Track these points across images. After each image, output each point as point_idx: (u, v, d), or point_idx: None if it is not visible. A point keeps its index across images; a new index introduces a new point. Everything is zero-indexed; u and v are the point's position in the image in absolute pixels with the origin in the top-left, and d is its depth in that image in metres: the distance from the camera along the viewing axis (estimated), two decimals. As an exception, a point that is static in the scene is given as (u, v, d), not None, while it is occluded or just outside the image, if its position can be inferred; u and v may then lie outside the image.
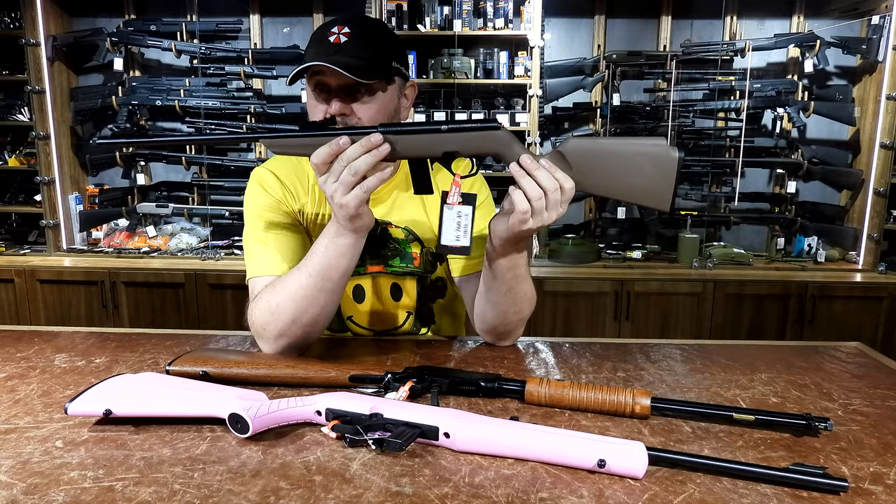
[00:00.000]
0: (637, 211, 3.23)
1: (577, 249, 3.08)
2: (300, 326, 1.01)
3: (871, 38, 2.91)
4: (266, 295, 1.02)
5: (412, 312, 1.24)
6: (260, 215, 1.14)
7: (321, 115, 1.05)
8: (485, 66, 3.09)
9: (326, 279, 0.98)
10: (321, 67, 1.01)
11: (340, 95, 1.04)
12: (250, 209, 1.15)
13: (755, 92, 3.08)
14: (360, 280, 1.21)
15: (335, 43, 1.02)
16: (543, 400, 0.84)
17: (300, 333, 1.02)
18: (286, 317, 1.00)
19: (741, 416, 0.79)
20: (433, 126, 0.89)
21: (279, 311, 1.00)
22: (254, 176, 1.18)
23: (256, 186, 1.16)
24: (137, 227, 3.34)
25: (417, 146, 0.90)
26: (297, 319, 1.00)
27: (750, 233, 3.36)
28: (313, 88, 1.07)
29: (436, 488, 0.65)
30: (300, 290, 0.99)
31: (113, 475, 0.66)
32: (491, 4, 2.99)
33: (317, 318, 1.01)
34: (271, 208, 1.14)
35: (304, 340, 1.04)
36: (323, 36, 1.04)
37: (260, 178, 1.17)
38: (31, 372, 0.97)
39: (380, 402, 0.76)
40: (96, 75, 3.32)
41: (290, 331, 1.01)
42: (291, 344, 1.03)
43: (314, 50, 1.04)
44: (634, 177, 0.85)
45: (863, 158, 3.08)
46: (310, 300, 0.99)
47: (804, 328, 2.84)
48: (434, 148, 0.90)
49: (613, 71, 3.15)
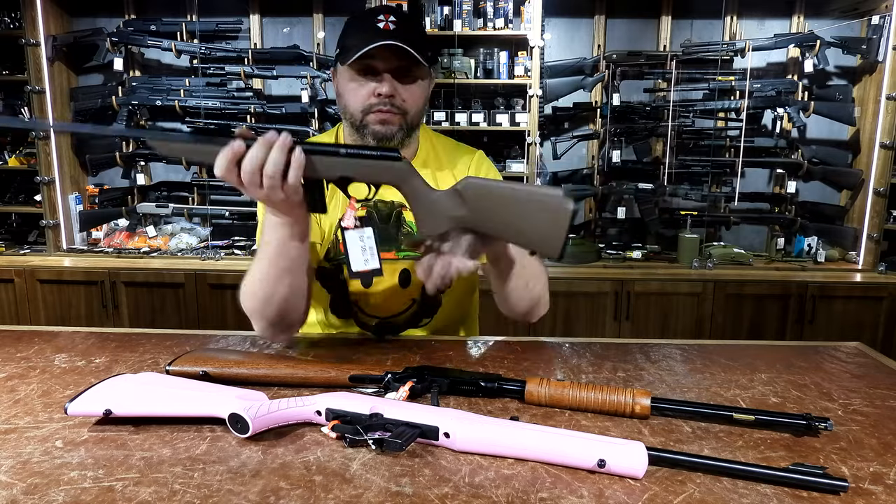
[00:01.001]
0: (637, 211, 3.23)
1: (577, 249, 3.08)
2: (274, 306, 1.03)
3: (871, 38, 2.91)
4: (244, 278, 1.06)
5: (416, 300, 1.25)
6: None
7: (368, 96, 1.10)
8: (485, 66, 3.09)
9: (284, 259, 1.00)
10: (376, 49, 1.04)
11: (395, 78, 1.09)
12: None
13: (755, 92, 3.08)
14: None
15: (385, 29, 1.06)
16: (543, 400, 0.84)
17: (276, 313, 1.04)
18: (259, 299, 1.03)
19: (741, 416, 0.79)
20: (332, 148, 0.88)
21: (253, 295, 1.03)
22: None
23: None
24: (137, 227, 3.34)
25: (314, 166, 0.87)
26: (268, 300, 1.02)
27: (750, 233, 3.36)
28: (357, 71, 1.10)
29: (436, 488, 0.65)
30: (263, 273, 1.01)
31: (113, 475, 0.66)
32: (491, 4, 2.99)
33: (287, 297, 1.02)
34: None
35: (284, 320, 1.06)
36: (370, 23, 1.07)
37: None
38: (31, 372, 0.97)
39: (380, 402, 0.76)
40: (96, 75, 3.32)
41: (266, 311, 1.03)
42: (271, 323, 1.05)
43: (363, 34, 1.07)
44: (526, 222, 0.82)
45: (863, 158, 3.08)
46: (275, 281, 1.01)
47: (804, 328, 2.84)
48: (330, 170, 0.89)
49: (613, 71, 3.15)
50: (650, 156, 3.26)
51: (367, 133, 1.13)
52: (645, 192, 3.16)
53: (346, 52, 1.08)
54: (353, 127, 1.15)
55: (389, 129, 1.12)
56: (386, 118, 1.11)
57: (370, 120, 1.12)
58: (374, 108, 1.11)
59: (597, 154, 3.31)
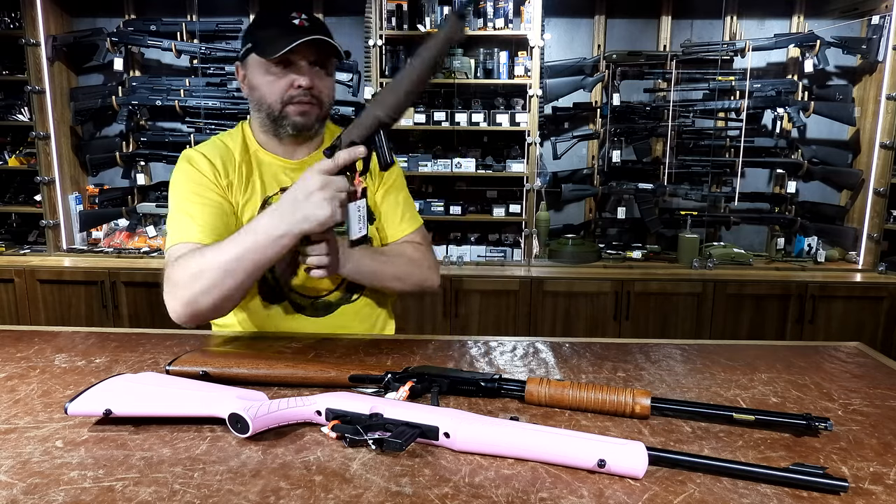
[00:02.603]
0: (637, 211, 3.23)
1: (577, 249, 3.08)
2: (213, 298, 1.03)
3: (871, 38, 2.91)
4: (190, 259, 1.05)
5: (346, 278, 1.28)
6: (188, 189, 1.18)
7: (287, 87, 1.16)
8: (485, 65, 3.09)
9: (257, 266, 1.02)
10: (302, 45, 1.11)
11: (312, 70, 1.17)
12: (177, 186, 1.19)
13: (755, 92, 3.08)
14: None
15: (301, 26, 1.14)
16: (543, 400, 0.84)
17: (210, 304, 1.04)
18: (204, 283, 1.02)
19: (741, 416, 0.79)
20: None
21: (200, 277, 1.02)
22: (182, 156, 1.22)
23: (185, 164, 1.21)
24: (137, 227, 3.34)
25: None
26: (216, 286, 1.02)
27: (750, 233, 3.37)
28: (276, 64, 1.15)
29: (436, 488, 0.65)
30: (226, 264, 1.01)
31: (113, 475, 0.66)
32: (491, 4, 2.99)
33: (232, 293, 1.04)
34: (200, 184, 1.18)
35: (216, 312, 1.07)
36: (285, 19, 1.15)
37: (188, 157, 1.22)
38: (31, 372, 0.97)
39: (380, 402, 0.76)
40: (96, 75, 3.32)
41: (202, 300, 1.03)
42: (197, 313, 1.05)
43: (281, 30, 1.14)
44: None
45: (863, 158, 3.08)
46: (232, 276, 1.01)
47: (804, 328, 2.84)
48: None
49: (613, 71, 3.15)
50: (650, 156, 3.26)
51: (286, 124, 1.19)
52: (645, 192, 3.16)
53: (265, 46, 1.14)
54: (269, 119, 1.20)
55: (308, 119, 1.19)
56: (306, 109, 1.17)
57: (290, 111, 1.18)
58: (295, 99, 1.17)
59: (597, 154, 3.31)
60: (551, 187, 3.21)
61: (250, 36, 1.20)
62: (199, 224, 1.13)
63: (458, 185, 3.32)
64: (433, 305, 2.91)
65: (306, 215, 0.96)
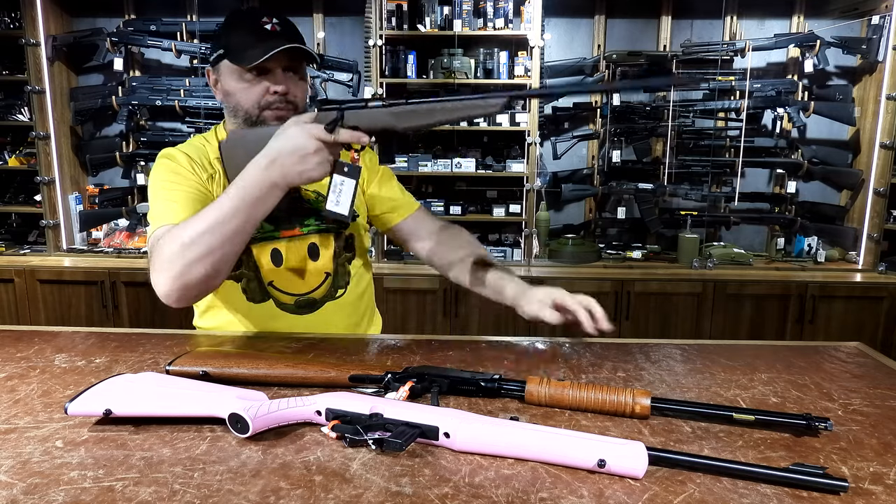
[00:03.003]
0: (637, 211, 3.23)
1: (577, 249, 3.08)
2: (205, 266, 0.99)
3: (871, 38, 2.91)
4: (177, 230, 1.00)
5: (330, 274, 1.29)
6: (167, 179, 1.17)
7: (263, 93, 1.16)
8: (485, 66, 3.09)
9: (249, 220, 0.99)
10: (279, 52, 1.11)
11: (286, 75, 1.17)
12: (156, 180, 1.19)
13: (755, 92, 3.08)
14: (276, 244, 1.24)
15: (273, 31, 1.14)
16: (543, 400, 0.84)
17: (202, 274, 0.99)
18: (199, 250, 0.98)
19: (741, 416, 0.79)
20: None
21: (193, 242, 0.98)
22: (160, 155, 1.23)
23: (163, 160, 1.21)
24: (137, 227, 3.34)
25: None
26: (210, 252, 0.98)
27: (750, 233, 3.37)
28: (249, 70, 1.15)
29: (436, 488, 0.65)
30: (220, 224, 0.97)
31: (113, 475, 0.66)
32: (491, 4, 2.99)
33: (226, 257, 1.01)
34: (179, 175, 1.18)
35: (207, 284, 1.03)
36: (256, 24, 1.14)
37: (166, 153, 1.22)
38: (31, 372, 0.97)
39: (380, 402, 0.76)
40: (96, 75, 3.32)
41: (194, 270, 0.99)
42: (188, 285, 1.00)
43: (254, 36, 1.13)
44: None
45: (863, 158, 3.08)
46: (228, 235, 0.98)
47: (804, 328, 2.84)
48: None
49: (613, 71, 3.15)
50: (650, 156, 3.26)
51: None
52: (645, 192, 3.16)
53: (239, 53, 1.14)
54: (247, 124, 1.20)
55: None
56: (283, 115, 1.17)
57: (267, 116, 1.18)
58: (273, 105, 1.17)
59: (597, 154, 3.31)
60: (551, 187, 3.22)
61: (221, 41, 1.18)
62: (182, 206, 1.11)
63: (458, 185, 3.32)
64: (433, 305, 2.92)
65: (301, 171, 0.97)
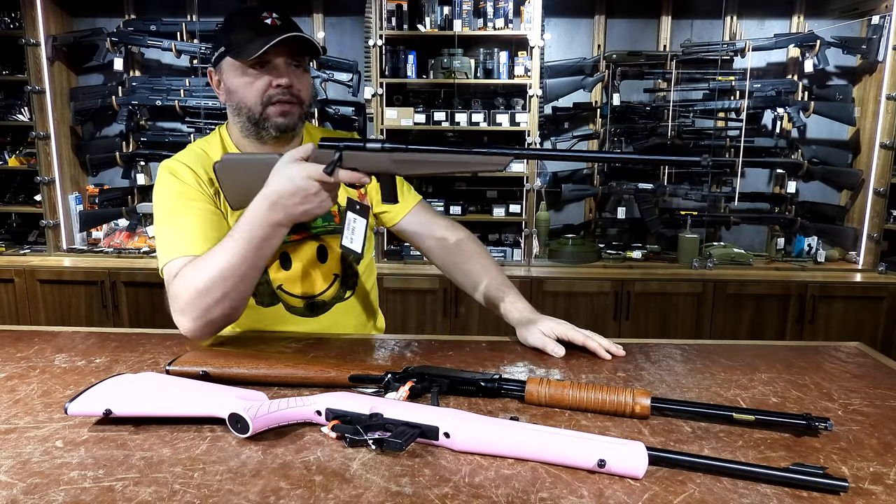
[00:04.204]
0: (637, 211, 3.23)
1: (577, 249, 3.08)
2: (224, 307, 1.02)
3: (871, 38, 2.91)
4: (190, 273, 1.02)
5: (338, 275, 1.29)
6: (173, 201, 1.14)
7: (266, 87, 1.14)
8: (485, 66, 3.09)
9: (258, 260, 1.01)
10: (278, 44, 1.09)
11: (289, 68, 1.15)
12: (161, 198, 1.15)
13: (755, 92, 3.08)
14: (284, 247, 1.24)
15: (274, 25, 1.12)
16: (543, 400, 0.84)
17: (227, 311, 1.03)
18: (216, 294, 1.00)
19: (741, 416, 0.79)
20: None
21: (209, 289, 1.00)
22: (163, 167, 1.18)
23: (167, 176, 1.16)
24: (137, 227, 3.34)
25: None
26: (227, 295, 1.01)
27: (750, 233, 3.36)
28: (251, 65, 1.13)
29: (436, 488, 0.64)
30: (231, 268, 0.99)
31: (113, 475, 0.66)
32: (491, 4, 2.99)
33: (244, 294, 1.04)
34: (184, 194, 1.14)
35: (229, 319, 1.05)
36: (257, 20, 1.13)
37: (170, 168, 1.17)
38: (31, 372, 0.97)
39: (380, 402, 0.76)
40: (96, 75, 3.32)
41: (214, 311, 1.01)
42: (210, 323, 1.03)
43: (254, 31, 1.12)
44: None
45: (863, 158, 3.08)
46: (242, 277, 1.00)
47: (804, 328, 2.84)
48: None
49: (613, 71, 3.15)
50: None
51: (268, 126, 1.16)
52: (645, 192, 3.16)
53: (240, 48, 1.12)
54: (251, 122, 1.17)
55: (290, 119, 1.17)
56: (287, 109, 1.15)
57: (271, 112, 1.15)
58: (275, 99, 1.14)
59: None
60: (551, 187, 3.22)
61: (222, 39, 1.17)
62: (192, 235, 1.09)
63: (458, 185, 3.32)
64: (433, 305, 2.91)
65: (304, 211, 0.98)
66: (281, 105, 1.15)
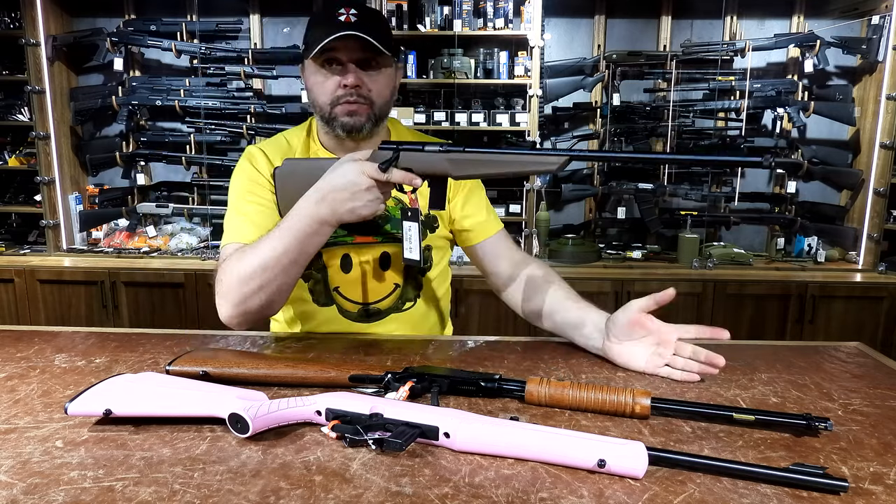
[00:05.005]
0: (637, 211, 3.24)
1: (577, 249, 3.08)
2: (266, 294, 1.03)
3: (871, 38, 2.91)
4: (235, 260, 1.05)
5: (399, 285, 1.27)
6: (244, 188, 1.18)
7: (335, 88, 1.12)
8: (485, 66, 3.09)
9: (301, 255, 1.02)
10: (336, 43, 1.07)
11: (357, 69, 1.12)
12: (236, 183, 1.20)
13: (755, 92, 3.08)
14: (347, 249, 1.22)
15: (347, 21, 1.09)
16: (543, 400, 0.84)
17: (264, 302, 1.05)
18: (254, 284, 1.02)
19: (741, 416, 0.79)
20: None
21: (250, 278, 1.02)
22: (245, 153, 1.23)
23: (245, 163, 1.21)
24: (137, 227, 3.34)
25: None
26: (264, 286, 1.03)
27: (750, 233, 3.36)
28: (321, 65, 1.12)
29: (436, 488, 0.64)
30: (273, 260, 1.01)
31: (113, 475, 0.66)
32: (491, 4, 2.99)
33: (282, 288, 1.05)
34: (257, 183, 1.18)
35: (266, 311, 1.07)
36: (331, 16, 1.10)
37: (250, 155, 1.21)
38: (31, 372, 0.97)
39: (380, 402, 0.76)
40: (96, 75, 3.32)
41: (252, 300, 1.04)
42: (248, 312, 1.06)
43: (325, 28, 1.09)
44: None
45: (863, 158, 3.08)
46: (282, 270, 1.02)
47: (804, 328, 2.84)
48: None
49: (613, 71, 3.15)
50: (650, 156, 3.26)
51: (336, 125, 1.16)
52: (645, 192, 3.16)
53: (311, 46, 1.11)
54: (323, 120, 1.18)
55: (357, 119, 1.15)
56: (353, 109, 1.14)
57: (338, 112, 1.14)
58: (342, 99, 1.13)
59: (597, 154, 3.31)
60: (551, 187, 3.22)
61: (305, 36, 1.17)
62: (251, 223, 1.13)
63: (458, 185, 3.31)
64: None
65: (351, 208, 0.98)
66: (347, 105, 1.13)
